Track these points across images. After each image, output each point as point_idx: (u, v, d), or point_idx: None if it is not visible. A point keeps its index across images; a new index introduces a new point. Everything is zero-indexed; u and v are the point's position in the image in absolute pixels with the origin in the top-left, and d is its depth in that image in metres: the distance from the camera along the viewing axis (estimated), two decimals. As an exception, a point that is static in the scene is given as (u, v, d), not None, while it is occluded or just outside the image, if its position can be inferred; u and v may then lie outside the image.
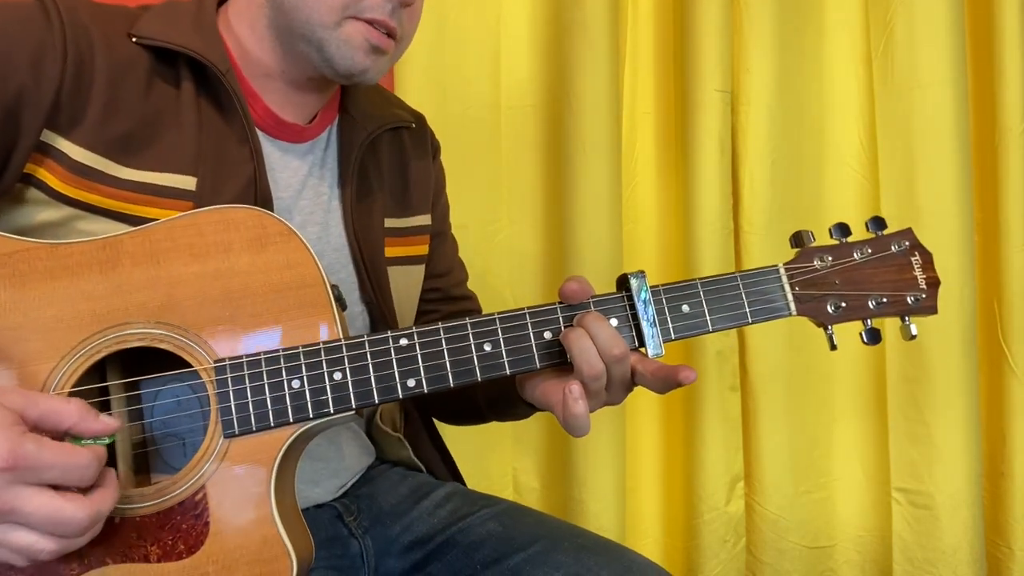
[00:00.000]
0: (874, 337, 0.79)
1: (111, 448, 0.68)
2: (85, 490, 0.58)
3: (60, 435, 0.58)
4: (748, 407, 1.48)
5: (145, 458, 0.72)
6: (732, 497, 1.48)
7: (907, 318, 0.79)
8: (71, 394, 0.65)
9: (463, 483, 1.00)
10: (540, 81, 1.46)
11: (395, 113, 0.96)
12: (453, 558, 0.85)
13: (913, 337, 0.78)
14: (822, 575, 1.53)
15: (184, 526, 0.64)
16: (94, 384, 0.68)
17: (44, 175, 0.73)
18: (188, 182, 0.76)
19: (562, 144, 1.41)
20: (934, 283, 0.79)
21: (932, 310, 0.79)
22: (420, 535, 0.88)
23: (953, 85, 1.41)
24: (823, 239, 0.79)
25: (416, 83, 1.39)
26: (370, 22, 0.78)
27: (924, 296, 0.79)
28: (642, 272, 0.74)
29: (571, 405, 0.70)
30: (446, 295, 1.04)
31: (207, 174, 0.77)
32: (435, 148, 1.04)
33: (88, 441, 0.59)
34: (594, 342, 0.70)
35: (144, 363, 0.69)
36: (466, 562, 0.83)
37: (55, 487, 0.56)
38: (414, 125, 0.99)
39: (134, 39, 0.77)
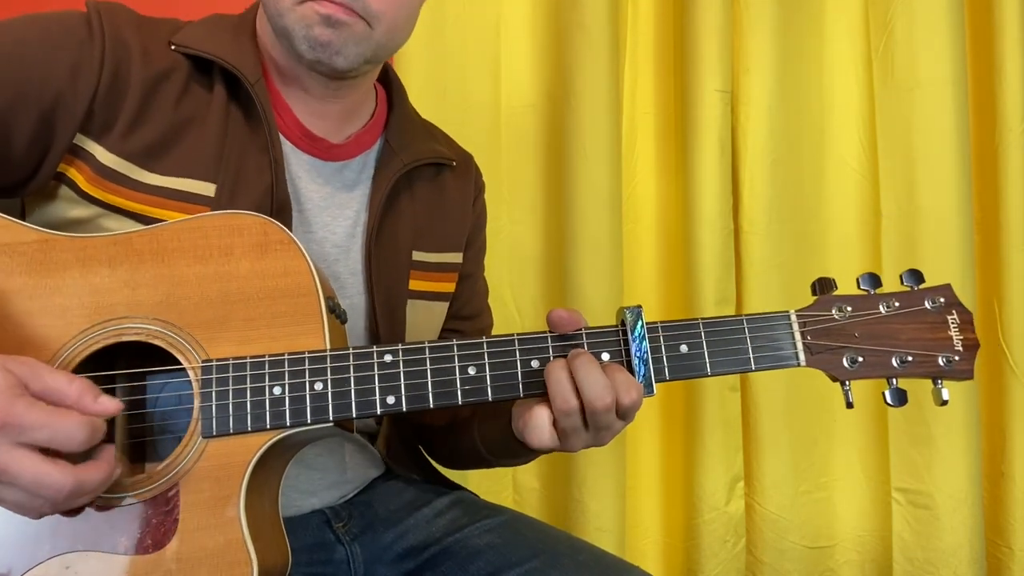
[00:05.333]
0: (899, 398, 0.73)
1: (109, 435, 0.69)
2: (78, 460, 0.59)
3: None
4: (748, 407, 1.48)
5: (143, 448, 0.74)
6: (732, 497, 1.48)
7: (939, 381, 0.72)
8: None
9: (469, 491, 0.98)
10: (540, 81, 1.45)
11: (436, 149, 0.95)
12: (447, 569, 0.83)
13: (945, 403, 0.72)
14: (822, 575, 1.53)
15: (154, 521, 0.65)
16: (92, 373, 0.69)
17: (74, 175, 0.76)
18: (208, 188, 0.78)
19: (562, 144, 1.41)
20: (972, 346, 0.72)
21: (967, 375, 0.72)
22: (415, 543, 0.87)
23: (953, 85, 1.40)
24: (850, 289, 0.74)
25: (416, 83, 1.39)
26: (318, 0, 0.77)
27: (959, 359, 0.72)
28: (639, 307, 0.72)
29: (534, 406, 0.69)
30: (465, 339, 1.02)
31: (226, 181, 0.78)
32: (479, 188, 1.03)
33: None
34: (581, 387, 0.67)
35: (149, 357, 0.70)
36: (460, 574, 0.82)
37: (46, 452, 0.57)
38: (455, 164, 0.97)
39: (173, 47, 0.80)
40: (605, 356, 0.71)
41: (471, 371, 0.70)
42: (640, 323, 0.71)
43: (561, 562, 0.80)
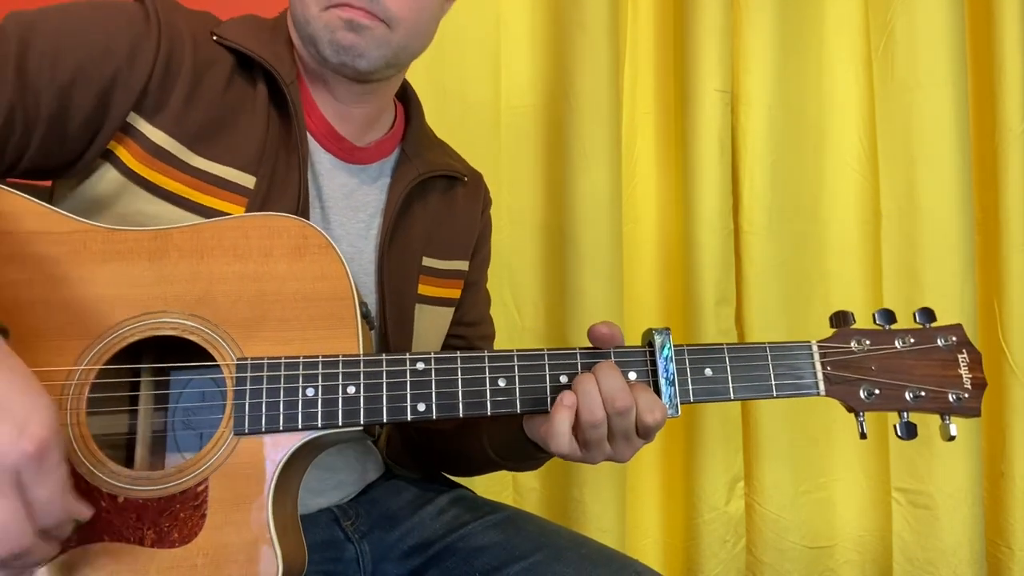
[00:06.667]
0: (910, 432, 0.75)
1: (131, 428, 0.72)
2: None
3: None
4: (748, 407, 1.48)
5: (163, 443, 0.75)
6: (732, 497, 1.48)
7: (947, 417, 0.75)
8: (100, 374, 0.67)
9: (469, 490, 0.99)
10: (540, 81, 1.45)
11: (449, 163, 0.99)
12: (452, 565, 0.84)
13: (952, 438, 0.75)
14: (822, 575, 1.53)
15: (182, 515, 0.65)
16: (127, 365, 0.70)
17: (122, 152, 0.77)
18: (248, 180, 0.80)
19: (562, 144, 1.41)
20: (980, 384, 0.76)
21: (975, 412, 0.75)
22: (420, 540, 0.88)
23: (953, 85, 1.40)
24: (866, 323, 0.76)
25: (416, 83, 1.38)
26: (343, 6, 0.80)
27: (968, 396, 0.75)
28: (667, 329, 0.74)
29: (555, 410, 0.70)
30: (469, 344, 1.04)
31: (265, 175, 0.80)
32: (486, 203, 1.06)
33: None
34: (599, 390, 0.70)
35: (177, 352, 0.71)
36: (465, 569, 0.83)
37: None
38: (466, 179, 1.01)
39: (215, 38, 0.82)
40: (632, 375, 0.73)
41: (501, 383, 0.72)
42: (668, 345, 0.73)
43: (564, 555, 0.81)
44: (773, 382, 0.74)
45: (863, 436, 0.75)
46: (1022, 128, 1.43)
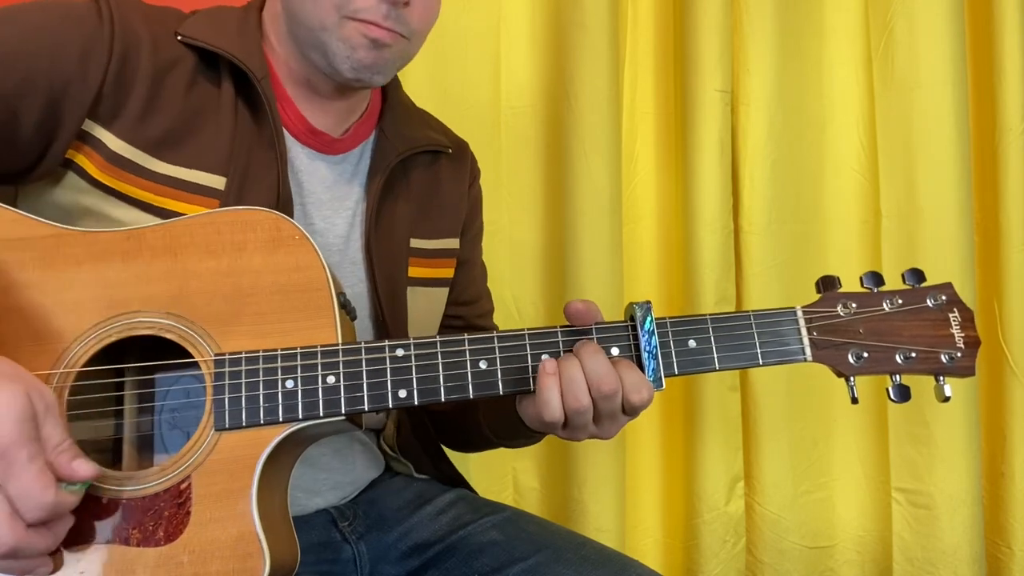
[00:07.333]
0: (903, 395, 0.73)
1: (119, 427, 0.71)
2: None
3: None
4: (748, 407, 1.48)
5: (150, 442, 0.74)
6: (732, 497, 1.48)
7: (941, 378, 0.73)
8: (79, 375, 0.67)
9: (471, 489, 0.99)
10: (540, 81, 1.45)
11: (431, 136, 0.96)
12: (452, 566, 0.84)
13: (947, 399, 0.73)
14: (822, 575, 1.53)
15: (166, 513, 0.65)
16: (104, 366, 0.69)
17: (83, 161, 0.76)
18: (218, 181, 0.78)
19: (562, 144, 1.41)
20: (974, 343, 0.73)
21: (969, 371, 0.73)
22: (419, 541, 0.88)
23: (953, 85, 1.40)
24: (854, 287, 0.75)
25: (416, 83, 1.39)
26: (370, 24, 0.78)
27: (961, 355, 0.72)
28: (648, 302, 0.73)
29: (540, 380, 0.69)
30: (468, 324, 1.03)
31: (236, 175, 0.79)
32: (474, 175, 1.04)
33: (73, 487, 0.59)
34: (584, 374, 0.69)
35: (158, 352, 0.71)
36: (465, 570, 0.83)
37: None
38: (450, 151, 0.98)
39: (179, 38, 0.80)
40: (615, 351, 0.72)
41: (482, 365, 0.71)
42: (649, 318, 0.72)
43: (565, 556, 0.81)
44: (759, 350, 0.72)
45: (854, 401, 0.73)
46: (1022, 128, 1.43)
